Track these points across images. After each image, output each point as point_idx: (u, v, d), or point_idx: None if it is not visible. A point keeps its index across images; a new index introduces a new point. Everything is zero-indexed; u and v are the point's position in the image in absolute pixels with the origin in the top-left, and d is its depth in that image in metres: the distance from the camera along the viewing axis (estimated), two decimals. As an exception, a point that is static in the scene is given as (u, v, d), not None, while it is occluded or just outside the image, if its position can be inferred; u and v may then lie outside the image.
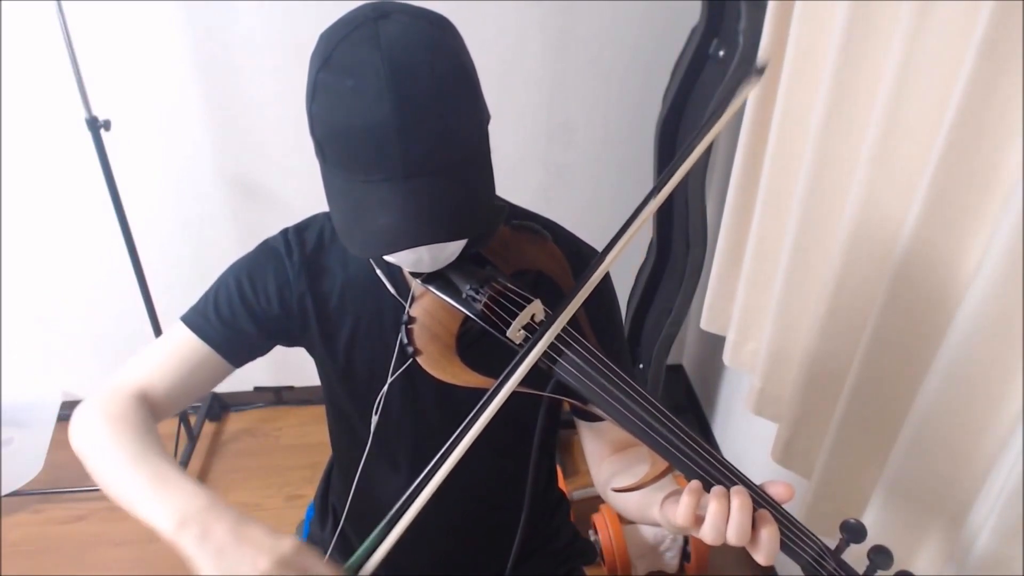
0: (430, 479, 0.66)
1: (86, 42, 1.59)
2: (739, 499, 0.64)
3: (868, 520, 0.97)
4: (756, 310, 1.38)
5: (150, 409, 0.84)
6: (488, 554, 1.05)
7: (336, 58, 0.66)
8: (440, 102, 0.66)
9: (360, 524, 1.07)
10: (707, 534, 0.64)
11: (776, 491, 0.67)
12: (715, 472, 0.68)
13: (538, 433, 0.80)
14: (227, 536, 0.65)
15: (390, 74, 0.63)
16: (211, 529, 0.65)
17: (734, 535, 0.64)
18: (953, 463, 0.87)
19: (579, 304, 0.71)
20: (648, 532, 1.80)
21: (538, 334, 0.69)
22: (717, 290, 1.51)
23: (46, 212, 1.89)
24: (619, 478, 0.87)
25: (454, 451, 0.66)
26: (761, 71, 0.72)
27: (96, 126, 1.61)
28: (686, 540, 1.78)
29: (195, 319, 0.88)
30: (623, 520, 1.82)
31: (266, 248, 0.90)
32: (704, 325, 1.57)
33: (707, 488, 0.67)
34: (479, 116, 0.71)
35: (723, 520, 0.64)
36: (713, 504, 0.64)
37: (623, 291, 2.01)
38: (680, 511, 0.66)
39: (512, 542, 0.86)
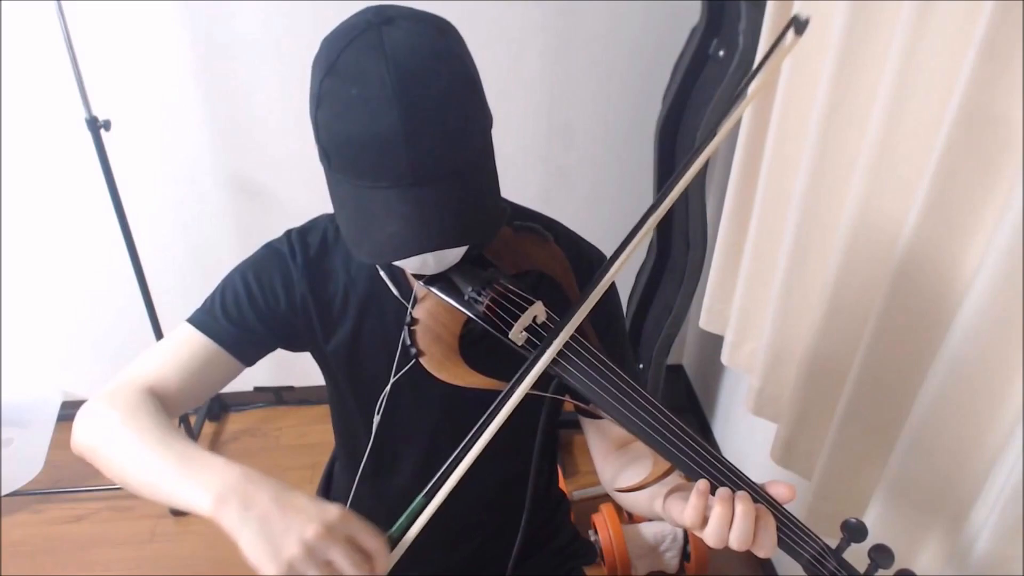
0: (463, 456, 0.67)
1: (86, 42, 1.59)
2: (743, 506, 0.65)
3: (869, 520, 0.97)
4: (754, 310, 1.38)
5: (161, 404, 0.80)
6: (489, 554, 1.05)
7: (341, 65, 0.65)
8: (446, 109, 0.66)
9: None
10: (710, 538, 0.65)
11: (777, 491, 0.68)
12: (716, 473, 0.69)
13: (540, 434, 0.80)
14: (270, 505, 0.61)
15: (397, 82, 0.63)
16: (252, 500, 0.62)
17: (736, 540, 0.65)
18: (954, 463, 0.87)
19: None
20: (648, 532, 1.80)
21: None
22: (716, 290, 1.51)
23: (46, 212, 1.89)
24: (623, 474, 0.88)
25: (476, 442, 0.67)
26: (802, 28, 0.72)
27: (96, 126, 1.61)
28: (686, 540, 1.78)
29: (202, 318, 0.87)
30: (623, 520, 1.83)
31: (270, 249, 0.90)
32: (703, 324, 1.57)
33: (712, 490, 0.68)
34: (483, 120, 0.71)
35: (726, 525, 0.65)
36: (717, 508, 0.65)
37: (623, 291, 2.01)
38: (688, 512, 0.66)
39: (513, 542, 0.86)
